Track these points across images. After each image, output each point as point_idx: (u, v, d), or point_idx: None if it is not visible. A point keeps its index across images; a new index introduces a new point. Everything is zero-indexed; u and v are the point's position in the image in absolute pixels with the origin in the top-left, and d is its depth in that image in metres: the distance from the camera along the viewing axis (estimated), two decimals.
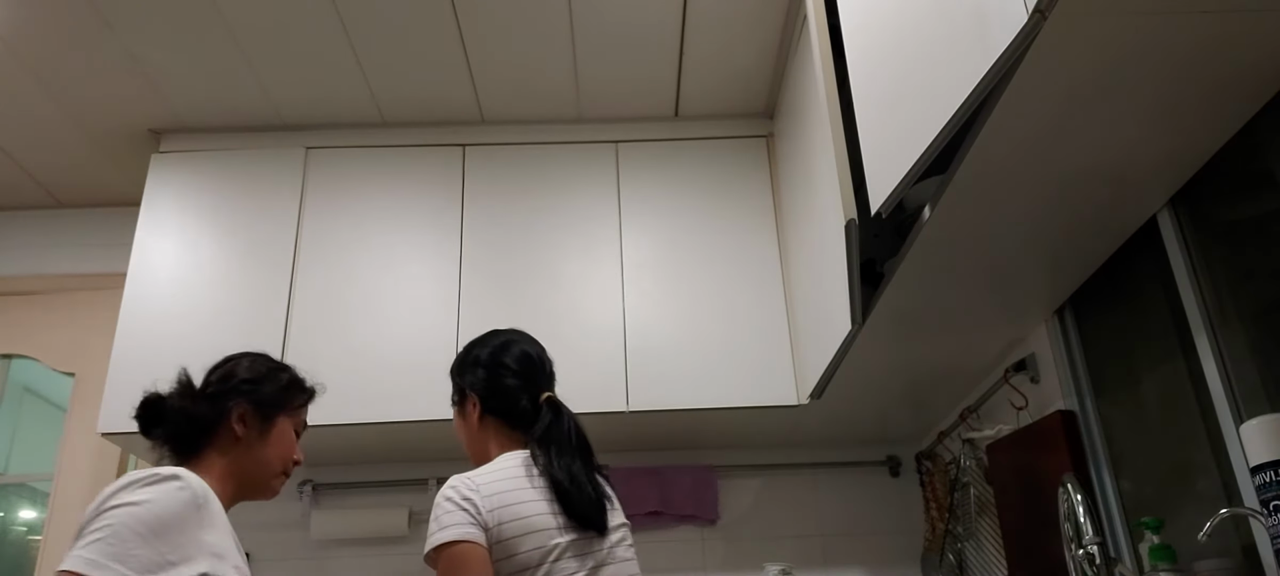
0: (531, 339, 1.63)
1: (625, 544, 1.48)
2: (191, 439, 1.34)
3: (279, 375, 1.44)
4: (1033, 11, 0.96)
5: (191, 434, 1.34)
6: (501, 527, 1.37)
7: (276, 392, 1.42)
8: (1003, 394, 2.04)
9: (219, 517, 1.22)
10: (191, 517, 1.16)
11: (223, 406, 1.36)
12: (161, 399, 1.37)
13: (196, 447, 1.34)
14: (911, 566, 2.57)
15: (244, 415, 1.37)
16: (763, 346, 2.38)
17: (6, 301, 2.89)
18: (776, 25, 2.31)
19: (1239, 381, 1.37)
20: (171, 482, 1.16)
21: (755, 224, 2.52)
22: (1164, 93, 1.15)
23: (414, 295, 2.43)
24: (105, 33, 2.23)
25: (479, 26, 2.28)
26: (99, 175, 2.79)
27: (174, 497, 1.15)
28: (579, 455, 1.48)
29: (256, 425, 1.38)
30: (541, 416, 1.51)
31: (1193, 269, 1.45)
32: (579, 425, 1.52)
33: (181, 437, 1.34)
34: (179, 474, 1.18)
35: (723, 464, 2.65)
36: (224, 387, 1.38)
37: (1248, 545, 1.35)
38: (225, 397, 1.37)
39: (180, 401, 1.36)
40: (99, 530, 1.09)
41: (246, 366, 1.42)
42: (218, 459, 1.34)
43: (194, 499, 1.17)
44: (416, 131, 2.64)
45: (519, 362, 1.56)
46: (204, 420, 1.35)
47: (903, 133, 1.34)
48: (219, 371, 1.42)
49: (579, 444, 1.49)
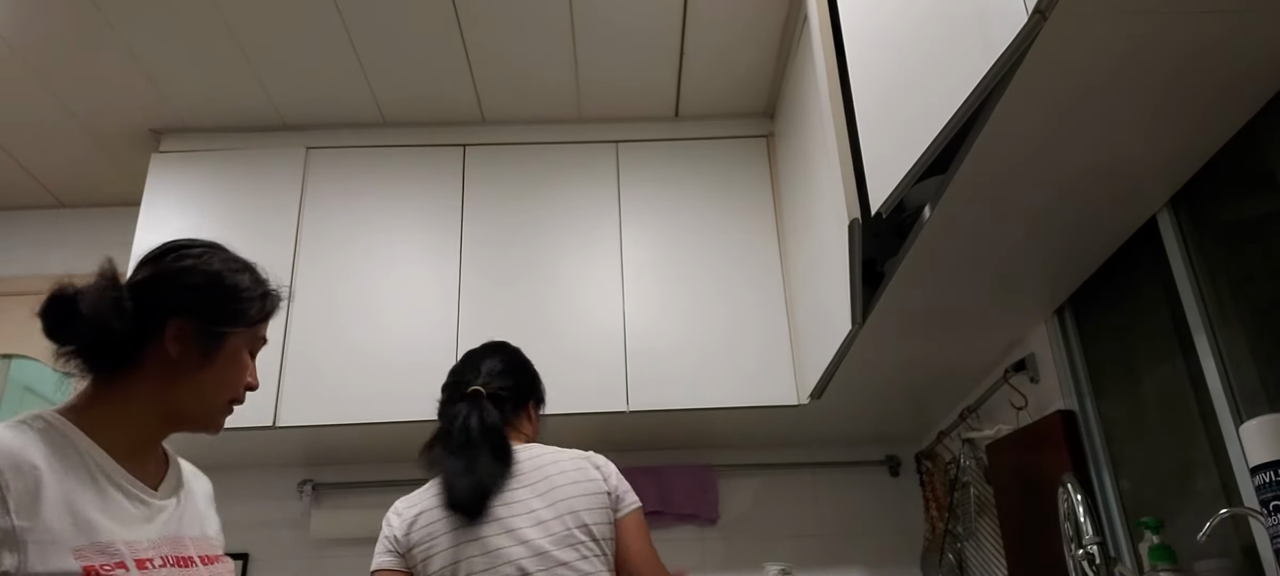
0: (485, 345, 1.72)
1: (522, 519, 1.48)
2: (109, 356, 1.03)
3: (233, 278, 1.11)
4: (1033, 11, 0.96)
5: (109, 350, 1.02)
6: (413, 552, 1.49)
7: (227, 305, 1.09)
8: (1002, 394, 2.04)
9: (50, 490, 0.91)
10: (18, 498, 0.87)
11: (155, 321, 1.03)
12: (74, 298, 1.01)
13: (116, 368, 1.03)
14: (911, 566, 2.57)
15: (182, 333, 1.04)
16: (763, 346, 2.38)
17: (6, 301, 2.89)
18: (777, 25, 2.31)
19: (1239, 381, 1.37)
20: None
21: (755, 224, 2.52)
22: (1164, 93, 1.15)
23: (414, 295, 2.43)
24: (106, 32, 2.23)
25: (480, 26, 2.28)
26: (99, 175, 2.79)
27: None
28: (468, 447, 1.51)
29: (198, 346, 1.05)
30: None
31: (1192, 269, 1.45)
32: (484, 415, 1.55)
33: (96, 352, 1.02)
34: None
35: (723, 463, 2.65)
36: (156, 295, 1.05)
37: (1247, 545, 1.35)
38: (158, 309, 1.04)
39: (97, 307, 1.00)
40: None
41: (191, 263, 1.09)
42: (143, 383, 1.03)
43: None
44: (417, 131, 2.64)
45: (450, 374, 1.68)
46: (125, 337, 1.02)
47: (903, 133, 1.34)
48: (158, 266, 1.09)
49: (479, 434, 1.52)
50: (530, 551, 1.43)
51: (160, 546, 1.00)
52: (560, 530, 1.45)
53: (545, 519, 1.46)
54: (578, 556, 1.44)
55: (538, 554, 1.43)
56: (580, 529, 1.47)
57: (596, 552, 1.46)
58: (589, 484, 1.52)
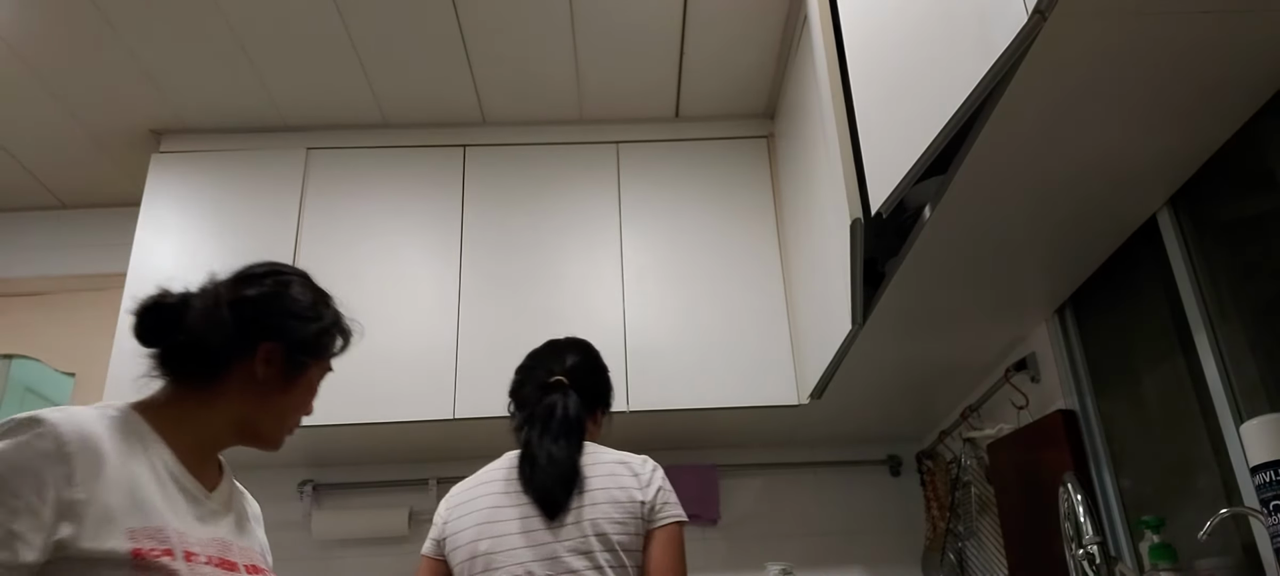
0: (568, 339, 1.72)
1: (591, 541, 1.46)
2: (201, 367, 1.08)
3: (323, 313, 1.18)
4: (1032, 12, 0.96)
5: (204, 361, 1.08)
6: (445, 542, 1.51)
7: (316, 336, 1.16)
8: (1003, 393, 2.04)
9: (112, 469, 0.94)
10: (48, 474, 0.89)
11: (248, 342, 1.09)
12: (178, 308, 1.07)
13: (203, 378, 1.08)
14: (912, 565, 2.57)
15: (271, 356, 1.10)
16: (763, 346, 2.38)
17: (7, 302, 2.90)
18: (777, 26, 2.31)
19: (1239, 380, 1.37)
20: (24, 433, 0.91)
21: (756, 224, 2.52)
22: (1164, 92, 1.15)
23: (414, 295, 2.43)
24: (107, 33, 2.24)
25: (480, 27, 2.28)
26: (99, 175, 2.79)
27: (20, 451, 0.90)
28: (561, 436, 1.51)
29: (281, 371, 1.12)
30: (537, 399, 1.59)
31: (1193, 268, 1.45)
32: (571, 408, 1.55)
33: (185, 360, 1.08)
34: (40, 418, 0.92)
35: (724, 463, 2.65)
36: (261, 318, 1.11)
37: (1248, 544, 1.35)
38: (253, 331, 1.10)
39: (203, 322, 1.07)
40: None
41: (293, 295, 1.15)
42: (224, 397, 1.08)
43: (57, 450, 0.91)
44: (418, 132, 2.64)
45: (532, 359, 1.68)
46: (225, 353, 1.08)
47: (903, 133, 1.34)
48: (260, 288, 1.13)
49: (562, 425, 1.52)
50: (540, 554, 1.42)
51: (208, 546, 1.02)
52: (576, 536, 1.43)
53: (566, 522, 1.44)
54: (587, 565, 1.41)
55: (549, 558, 1.41)
56: (598, 537, 1.43)
57: (611, 563, 1.42)
58: (619, 492, 1.47)
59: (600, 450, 1.56)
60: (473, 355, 2.35)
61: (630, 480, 1.49)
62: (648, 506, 1.48)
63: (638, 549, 1.46)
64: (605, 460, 1.53)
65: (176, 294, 1.09)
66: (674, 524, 1.49)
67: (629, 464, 1.53)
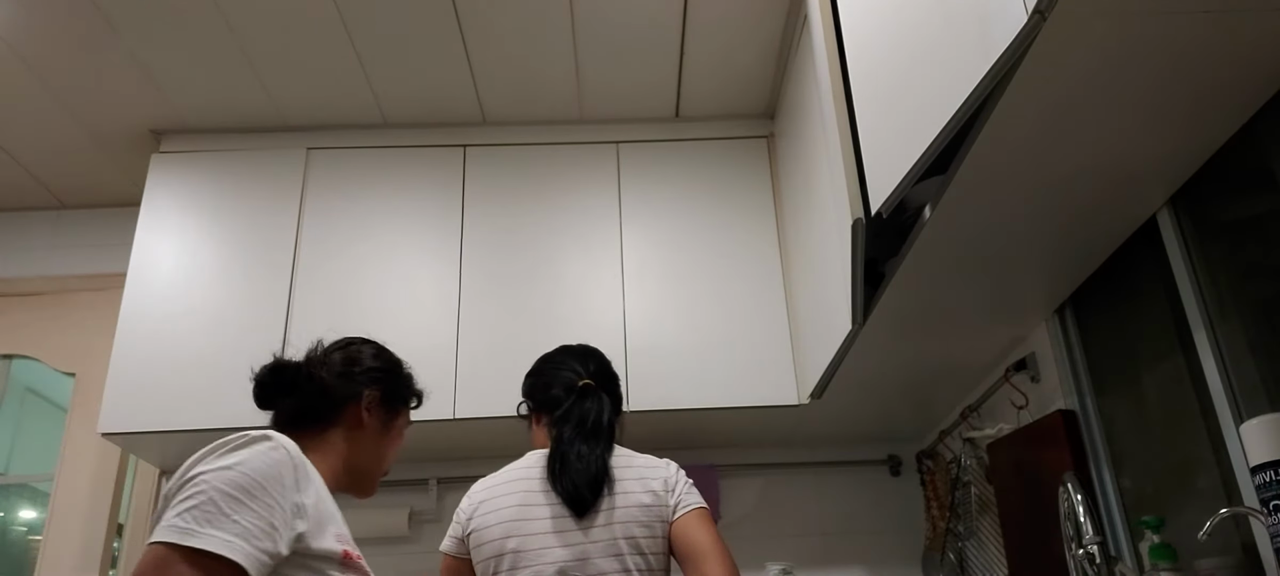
0: (582, 346, 1.75)
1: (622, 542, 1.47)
2: (318, 415, 1.25)
3: (402, 369, 1.39)
4: (1032, 12, 0.96)
5: (321, 409, 1.25)
6: (469, 539, 1.51)
7: (402, 386, 1.36)
8: (1003, 393, 2.04)
9: (316, 481, 1.11)
10: (288, 479, 1.04)
11: (357, 388, 1.28)
12: (298, 366, 1.27)
13: (318, 426, 1.24)
14: (912, 565, 2.57)
15: (373, 403, 1.29)
16: (763, 346, 2.38)
17: (8, 302, 2.90)
18: (777, 26, 2.31)
19: (1239, 380, 1.37)
20: (262, 444, 1.05)
21: (756, 224, 2.52)
22: (1164, 92, 1.15)
23: (414, 295, 2.43)
24: (107, 34, 2.24)
25: (481, 27, 2.28)
26: (99, 175, 2.79)
27: (265, 458, 1.04)
28: (594, 437, 1.53)
29: (380, 416, 1.30)
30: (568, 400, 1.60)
31: (1192, 268, 1.45)
32: (602, 411, 1.57)
33: (308, 412, 1.24)
34: (269, 435, 1.08)
35: (724, 463, 2.65)
36: (355, 369, 1.30)
37: (1248, 544, 1.35)
38: (360, 380, 1.28)
39: (320, 371, 1.26)
40: (188, 498, 0.98)
41: (372, 354, 1.34)
42: (336, 442, 1.25)
43: (289, 459, 1.06)
44: (418, 132, 2.64)
45: (556, 364, 1.70)
46: (338, 396, 1.25)
47: (903, 133, 1.34)
48: (344, 353, 1.32)
49: (596, 427, 1.54)
50: (572, 554, 1.43)
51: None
52: (605, 537, 1.45)
53: (596, 523, 1.46)
54: (617, 568, 1.43)
55: (580, 559, 1.43)
56: (627, 541, 1.46)
57: (640, 566, 1.45)
58: (646, 495, 1.50)
59: (628, 453, 1.58)
60: (473, 355, 2.35)
61: (657, 483, 1.53)
62: (670, 508, 1.51)
63: (662, 553, 1.50)
64: (635, 464, 1.55)
65: (285, 359, 1.28)
66: (699, 508, 1.52)
67: (655, 467, 1.56)
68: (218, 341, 2.34)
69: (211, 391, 2.28)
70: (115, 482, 2.67)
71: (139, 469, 2.74)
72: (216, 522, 0.96)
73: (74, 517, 2.62)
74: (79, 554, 2.58)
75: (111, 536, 2.64)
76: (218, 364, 2.31)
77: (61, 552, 2.59)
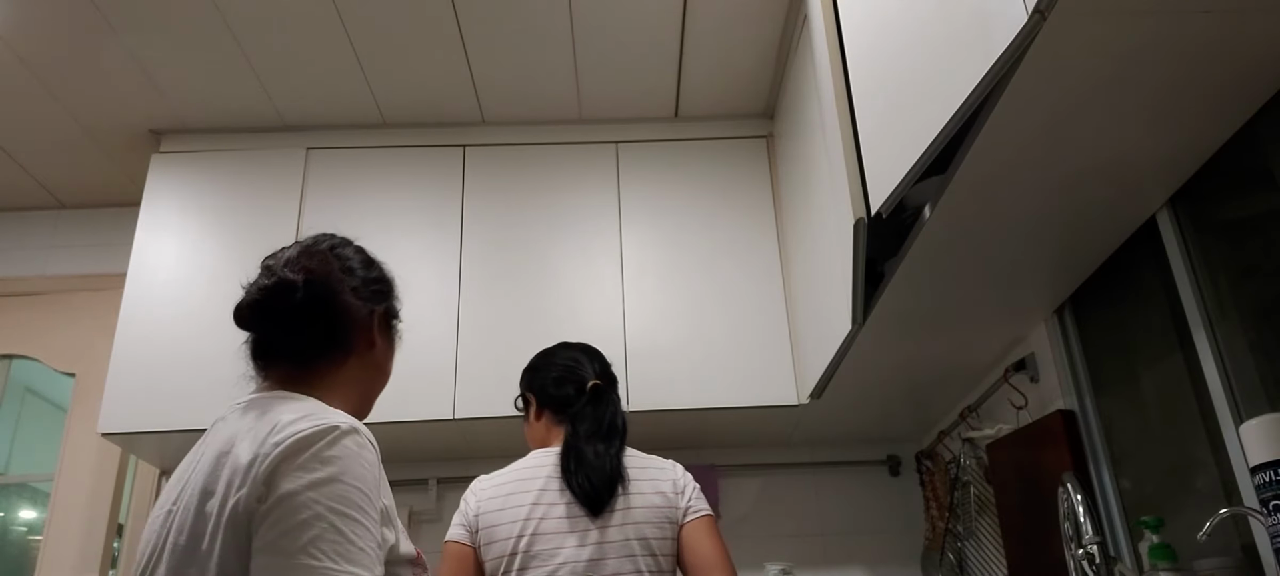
0: (582, 344, 1.77)
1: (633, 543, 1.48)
2: (335, 345, 1.02)
3: (384, 268, 1.15)
4: (1033, 12, 0.96)
5: (339, 338, 1.02)
6: (479, 535, 1.50)
7: (394, 294, 1.14)
8: (1003, 393, 2.04)
9: (385, 487, 0.95)
10: (377, 480, 0.90)
11: (370, 307, 1.05)
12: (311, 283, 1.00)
13: (333, 360, 1.01)
14: (911, 565, 2.57)
15: (383, 319, 1.07)
16: (763, 346, 2.38)
17: (7, 302, 2.90)
18: (777, 26, 2.31)
19: (1238, 380, 1.37)
20: (349, 439, 0.88)
21: (755, 224, 2.52)
22: (1164, 93, 1.15)
23: (414, 295, 2.41)
24: (106, 33, 2.24)
25: (480, 27, 2.28)
26: (99, 175, 2.79)
27: (358, 460, 0.87)
28: (609, 436, 1.54)
29: (386, 333, 1.09)
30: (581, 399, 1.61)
31: (1192, 268, 1.45)
32: (618, 411, 1.60)
33: (322, 340, 1.01)
34: (356, 426, 0.90)
35: (723, 463, 2.65)
36: (373, 282, 1.07)
37: (1247, 544, 1.35)
38: (376, 294, 1.07)
39: (343, 290, 1.02)
40: (299, 524, 0.81)
41: (363, 260, 1.10)
42: (352, 376, 1.03)
43: (375, 455, 0.91)
44: (417, 132, 2.64)
45: (566, 362, 1.71)
46: (359, 318, 1.02)
47: (903, 133, 1.34)
48: (357, 258, 1.08)
49: (611, 427, 1.56)
50: (588, 553, 1.44)
51: None
52: (618, 538, 1.46)
53: (610, 522, 1.47)
54: (631, 569, 1.45)
55: (595, 558, 1.44)
56: (639, 542, 1.47)
57: (651, 567, 1.47)
58: (656, 496, 1.52)
59: (638, 454, 1.59)
60: (473, 355, 2.35)
61: (667, 484, 1.55)
62: (680, 510, 1.53)
63: (672, 554, 1.52)
64: (646, 465, 1.57)
65: (288, 274, 1.00)
66: (708, 515, 1.55)
67: (663, 468, 1.58)
68: (218, 341, 2.34)
69: (211, 391, 2.26)
70: (115, 482, 2.67)
71: (139, 469, 2.74)
72: (350, 556, 0.81)
73: (74, 517, 2.62)
74: (79, 554, 2.58)
75: (111, 536, 2.64)
76: (218, 364, 2.30)
77: (61, 552, 2.59)
